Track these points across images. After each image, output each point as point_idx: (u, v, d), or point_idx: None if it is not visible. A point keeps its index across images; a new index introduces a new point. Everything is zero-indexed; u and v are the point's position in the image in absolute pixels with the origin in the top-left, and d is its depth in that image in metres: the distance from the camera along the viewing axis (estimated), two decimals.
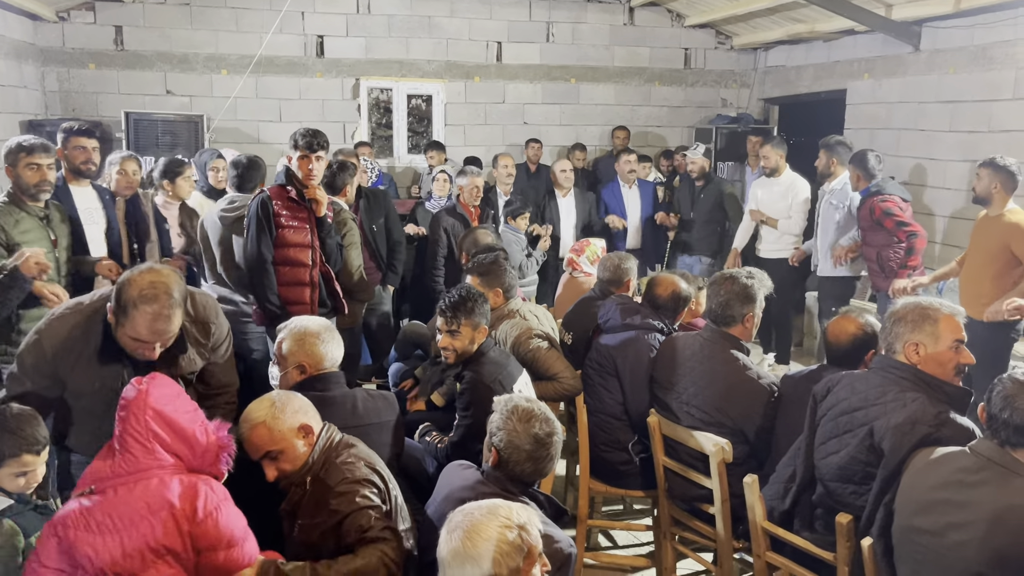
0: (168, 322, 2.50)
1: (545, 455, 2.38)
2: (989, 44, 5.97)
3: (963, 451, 2.27)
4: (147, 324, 2.46)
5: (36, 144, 3.63)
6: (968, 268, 4.65)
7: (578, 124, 8.81)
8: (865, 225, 5.39)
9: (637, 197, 7.06)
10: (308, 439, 2.46)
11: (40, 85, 7.43)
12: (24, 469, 2.35)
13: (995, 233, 4.42)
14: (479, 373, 3.17)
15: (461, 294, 3.26)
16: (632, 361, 3.58)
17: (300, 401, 2.52)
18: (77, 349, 2.56)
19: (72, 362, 2.55)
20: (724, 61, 9.11)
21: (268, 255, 3.98)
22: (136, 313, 2.44)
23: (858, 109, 7.47)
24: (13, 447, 2.33)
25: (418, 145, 8.85)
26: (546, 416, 2.42)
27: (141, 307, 2.44)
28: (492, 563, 1.85)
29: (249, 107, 7.96)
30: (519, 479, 2.38)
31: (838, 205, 5.74)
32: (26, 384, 2.56)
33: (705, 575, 3.73)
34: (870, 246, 5.39)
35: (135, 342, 2.51)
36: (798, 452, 2.83)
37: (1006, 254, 4.34)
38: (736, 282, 3.29)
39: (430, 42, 8.33)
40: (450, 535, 1.90)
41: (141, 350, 2.53)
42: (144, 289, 2.46)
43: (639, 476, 3.62)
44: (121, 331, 2.50)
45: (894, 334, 2.59)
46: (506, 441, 2.37)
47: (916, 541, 2.27)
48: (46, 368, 2.55)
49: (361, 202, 5.45)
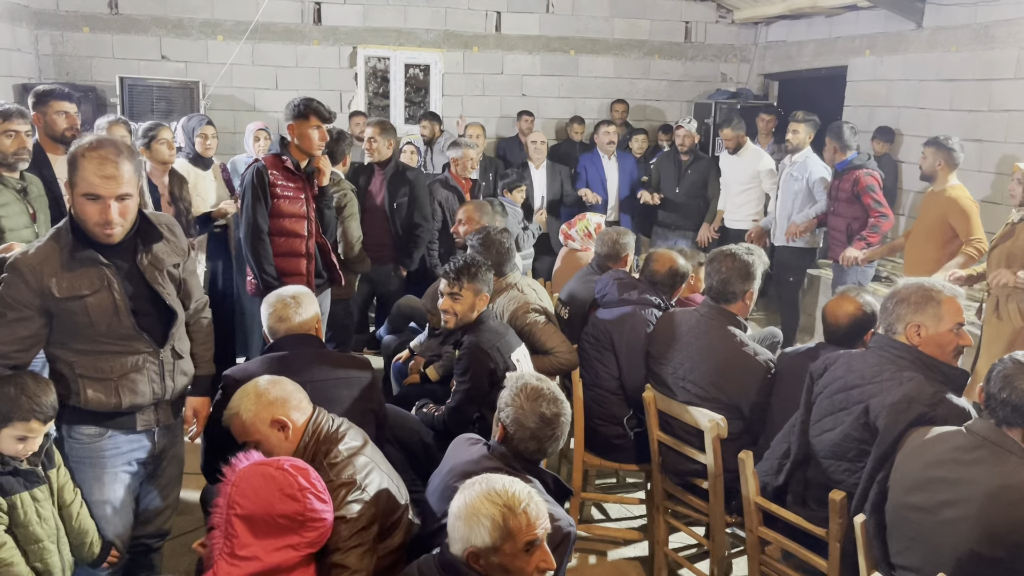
0: (116, 167, 2.44)
1: (550, 435, 2.39)
2: (992, 22, 5.93)
3: (959, 430, 2.29)
4: (95, 170, 2.41)
5: (12, 110, 3.46)
6: (914, 237, 5.02)
7: (577, 97, 8.75)
8: (843, 197, 5.46)
9: (616, 169, 7.03)
10: (285, 432, 2.43)
11: (33, 48, 7.33)
12: (28, 434, 2.38)
13: (937, 207, 4.78)
14: (478, 339, 3.21)
15: (466, 259, 3.31)
16: (628, 336, 3.59)
17: (281, 391, 2.48)
18: (52, 259, 2.49)
19: (52, 271, 2.48)
20: (724, 35, 9.04)
21: (264, 225, 3.95)
22: (84, 163, 2.42)
23: (858, 86, 7.44)
24: (27, 411, 2.36)
25: (415, 115, 8.77)
26: (555, 396, 2.42)
27: (88, 154, 2.42)
28: (468, 530, 1.91)
29: (245, 74, 7.87)
30: (522, 456, 2.39)
31: (798, 177, 5.86)
32: (7, 315, 2.48)
33: (697, 549, 3.77)
34: (841, 216, 5.50)
35: (93, 202, 2.44)
36: (793, 429, 2.85)
37: (945, 226, 4.72)
38: (736, 259, 3.28)
39: (428, 11, 8.24)
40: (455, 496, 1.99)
41: (105, 215, 2.45)
42: (91, 142, 2.46)
43: (633, 450, 3.65)
44: (78, 199, 2.45)
45: (895, 315, 2.59)
46: (512, 418, 2.39)
47: (909, 518, 2.29)
48: (24, 294, 2.48)
49: (387, 175, 5.30)
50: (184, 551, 3.41)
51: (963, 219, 4.65)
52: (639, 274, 3.91)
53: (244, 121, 6.27)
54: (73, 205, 2.50)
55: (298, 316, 2.97)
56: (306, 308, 3.01)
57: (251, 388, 2.48)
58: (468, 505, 1.93)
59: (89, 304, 2.51)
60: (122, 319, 2.56)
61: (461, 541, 1.93)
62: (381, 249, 5.30)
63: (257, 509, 2.10)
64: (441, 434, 3.29)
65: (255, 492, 2.12)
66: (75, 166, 2.44)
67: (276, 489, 2.11)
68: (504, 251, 3.83)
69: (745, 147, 6.54)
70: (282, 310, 2.96)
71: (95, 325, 2.53)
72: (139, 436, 2.71)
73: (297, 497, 2.11)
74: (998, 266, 4.10)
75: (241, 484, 2.13)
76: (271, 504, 2.10)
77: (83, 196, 2.44)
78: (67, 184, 2.50)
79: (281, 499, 2.11)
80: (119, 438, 2.67)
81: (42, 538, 2.45)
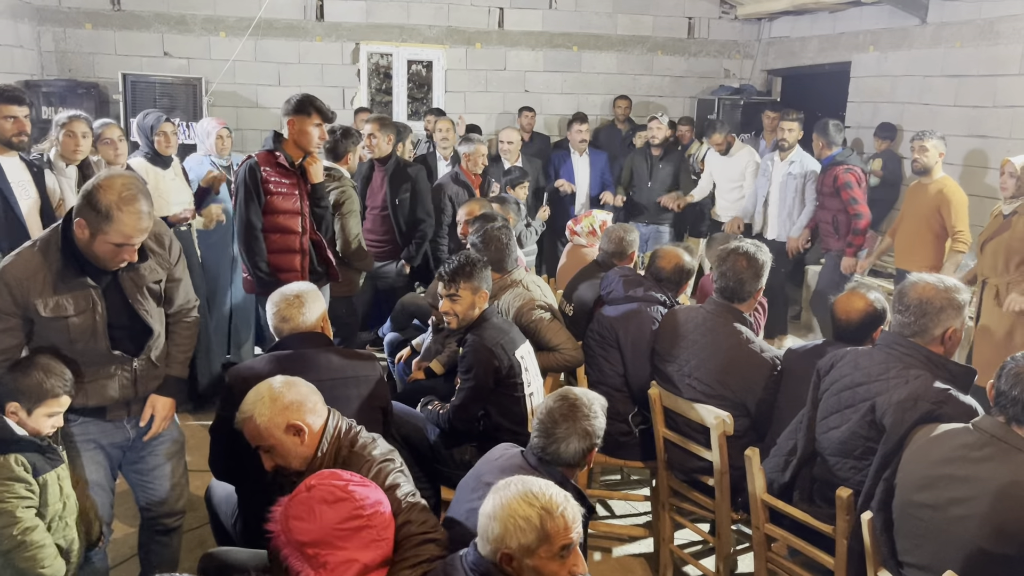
0: (150, 219, 2.52)
1: (551, 429, 2.39)
2: (996, 18, 5.92)
3: (966, 428, 2.28)
4: (134, 223, 2.46)
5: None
6: (904, 229, 5.28)
7: (579, 93, 8.74)
8: (827, 191, 5.74)
9: (587, 166, 7.03)
10: (300, 437, 2.36)
11: (36, 45, 7.32)
12: (59, 409, 2.48)
13: (929, 198, 5.04)
14: (481, 337, 3.19)
15: (460, 259, 3.28)
16: (634, 333, 3.59)
17: (296, 395, 2.40)
18: (39, 277, 2.51)
19: (39, 290, 2.50)
20: (728, 31, 9.02)
21: (257, 222, 3.94)
22: (121, 215, 2.43)
23: (862, 82, 7.42)
24: (58, 386, 2.46)
25: (418, 111, 8.77)
26: (576, 399, 2.44)
27: (125, 208, 2.44)
28: (503, 531, 1.88)
29: (248, 71, 7.86)
30: (543, 459, 2.40)
31: (796, 175, 6.09)
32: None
33: (703, 545, 3.77)
34: (827, 210, 5.78)
35: (116, 248, 2.48)
36: (799, 426, 2.85)
37: (937, 216, 4.98)
38: (750, 258, 3.27)
39: (431, 7, 8.22)
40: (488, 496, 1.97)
41: (122, 254, 2.51)
42: (122, 191, 2.45)
43: (638, 447, 3.65)
44: (100, 240, 2.46)
45: (935, 320, 2.52)
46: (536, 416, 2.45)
47: (917, 516, 2.29)
48: (9, 306, 2.50)
49: (388, 172, 5.30)
50: (191, 547, 3.41)
51: (954, 210, 4.88)
52: (645, 271, 3.90)
53: (247, 118, 6.29)
54: (88, 242, 2.49)
55: (304, 315, 2.93)
56: (312, 306, 2.98)
57: (265, 391, 2.38)
58: (504, 506, 1.89)
59: (72, 324, 2.55)
60: (99, 341, 2.61)
61: (495, 542, 1.89)
62: (385, 246, 5.31)
63: (319, 533, 2.00)
64: (446, 432, 3.29)
65: (305, 522, 2.01)
66: (108, 217, 2.43)
67: (320, 504, 2.02)
68: (503, 246, 3.83)
69: (735, 146, 6.80)
70: (287, 309, 2.91)
71: (73, 343, 2.58)
72: (110, 424, 2.77)
73: (343, 497, 2.03)
74: (994, 259, 4.23)
75: (289, 525, 2.02)
76: (327, 520, 2.00)
77: (113, 244, 2.47)
78: (84, 222, 2.46)
79: (331, 510, 2.01)
80: (88, 425, 2.73)
81: (64, 515, 2.51)
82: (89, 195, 2.45)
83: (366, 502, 2.05)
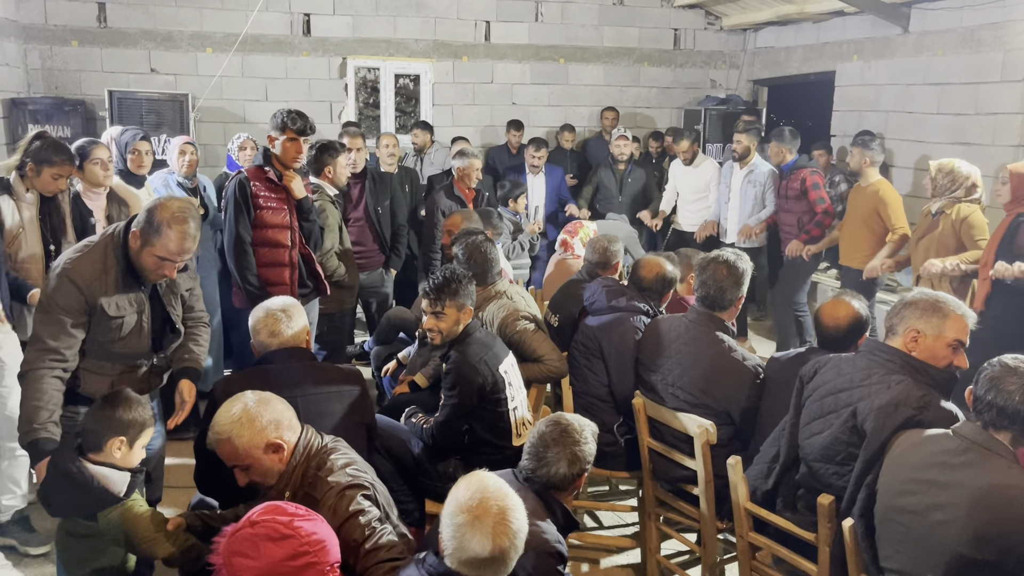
0: (194, 241, 2.81)
1: (543, 452, 2.40)
2: (977, 26, 5.97)
3: (946, 433, 2.28)
4: (178, 242, 2.75)
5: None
6: (847, 228, 5.64)
7: (567, 105, 8.77)
8: (791, 195, 6.03)
9: (542, 184, 6.98)
10: (279, 455, 2.35)
11: (22, 63, 7.32)
12: (148, 438, 2.63)
13: (866, 200, 5.40)
14: (464, 354, 3.17)
15: (445, 275, 3.24)
16: (617, 343, 3.59)
17: (272, 412, 2.38)
18: (103, 278, 2.79)
19: (103, 290, 2.78)
20: (713, 42, 9.08)
21: (247, 236, 3.97)
22: (170, 232, 2.73)
23: (847, 91, 7.47)
24: (149, 417, 2.63)
25: (406, 125, 8.78)
26: (567, 425, 2.44)
27: (175, 227, 2.73)
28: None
29: (235, 86, 7.87)
30: (531, 479, 2.41)
31: (755, 183, 6.32)
32: (66, 322, 2.75)
33: (689, 555, 3.76)
34: (791, 212, 6.07)
35: (161, 261, 2.77)
36: (782, 433, 2.85)
37: (876, 216, 5.35)
38: (730, 267, 3.28)
39: (418, 21, 8.25)
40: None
41: (163, 269, 2.80)
42: (176, 212, 2.75)
43: (624, 457, 3.64)
44: (147, 251, 2.75)
45: (900, 316, 2.59)
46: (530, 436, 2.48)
47: (898, 521, 2.29)
48: (77, 304, 2.76)
49: (367, 183, 5.42)
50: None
51: (889, 209, 5.28)
52: (627, 281, 3.90)
53: (234, 133, 6.26)
54: (137, 252, 2.79)
55: (289, 329, 2.92)
56: (296, 320, 2.97)
57: (240, 411, 2.34)
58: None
59: (125, 323, 2.86)
60: (143, 339, 2.96)
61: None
62: (371, 256, 5.38)
63: (264, 570, 1.94)
64: (430, 447, 3.27)
65: (250, 559, 1.94)
66: (158, 231, 2.74)
67: (265, 541, 1.96)
68: (487, 259, 3.82)
69: (699, 158, 7.00)
70: (273, 324, 2.90)
71: (118, 340, 2.88)
72: None
73: (288, 534, 1.97)
74: (926, 255, 4.55)
75: (232, 561, 1.96)
76: (273, 558, 1.94)
77: (158, 256, 2.76)
78: (138, 233, 2.76)
79: (276, 547, 1.95)
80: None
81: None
82: (149, 210, 2.77)
83: (312, 538, 1.98)
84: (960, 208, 4.48)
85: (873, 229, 5.40)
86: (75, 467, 2.45)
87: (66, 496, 2.47)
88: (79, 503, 2.46)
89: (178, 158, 4.94)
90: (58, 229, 3.80)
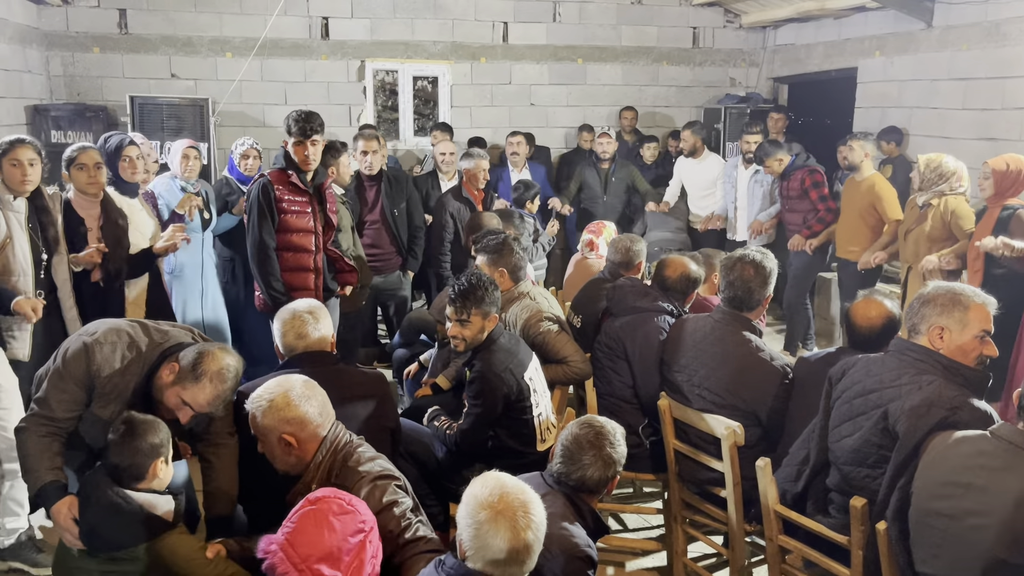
0: (223, 404, 2.68)
1: (578, 456, 2.38)
2: (1003, 20, 5.88)
3: (984, 435, 2.23)
4: (209, 399, 2.59)
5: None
6: (844, 221, 5.78)
7: (585, 105, 8.73)
8: (793, 195, 6.13)
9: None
10: (289, 450, 2.39)
11: (45, 70, 7.39)
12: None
13: (863, 193, 5.54)
14: (490, 363, 3.13)
15: (471, 282, 3.19)
16: (641, 344, 3.55)
17: (304, 411, 2.40)
18: (117, 383, 2.64)
19: (108, 391, 2.63)
20: (732, 40, 9.01)
21: (271, 242, 3.93)
22: (207, 385, 2.57)
23: (869, 87, 7.38)
24: (167, 429, 2.54)
25: (424, 128, 8.78)
26: (601, 428, 2.43)
27: (215, 383, 2.58)
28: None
29: (254, 90, 7.90)
30: (563, 482, 2.40)
31: (762, 181, 6.45)
32: (69, 388, 2.62)
33: (716, 558, 3.72)
34: (796, 212, 6.17)
35: (180, 405, 2.60)
36: (812, 435, 2.81)
37: (872, 209, 5.50)
38: (757, 266, 3.23)
39: (436, 23, 8.25)
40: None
41: (181, 413, 2.62)
42: (223, 369, 2.60)
43: (649, 459, 3.60)
44: (174, 390, 2.59)
45: (920, 315, 2.54)
46: (560, 440, 2.45)
47: (934, 525, 2.24)
48: (86, 382, 2.62)
49: (383, 185, 5.40)
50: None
51: (884, 203, 5.42)
52: (651, 281, 3.87)
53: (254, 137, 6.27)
54: (164, 384, 2.62)
55: (316, 331, 2.92)
56: (323, 322, 2.97)
57: (280, 395, 2.41)
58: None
59: (104, 423, 2.63)
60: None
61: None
62: (388, 258, 5.37)
63: (332, 545, 1.96)
64: (454, 453, 3.25)
65: (312, 535, 1.97)
66: (198, 379, 2.57)
67: (328, 516, 1.98)
68: (517, 255, 3.81)
69: (705, 153, 7.07)
70: (300, 327, 2.90)
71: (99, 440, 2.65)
72: None
73: (350, 509, 2.02)
74: (915, 247, 4.77)
75: (296, 540, 1.98)
76: (339, 533, 1.97)
77: (180, 398, 2.59)
78: (177, 368, 2.61)
79: (340, 521, 1.98)
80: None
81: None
82: (199, 354, 2.61)
83: (368, 515, 2.05)
84: (947, 200, 4.66)
85: (868, 222, 5.56)
86: (121, 498, 2.40)
87: (114, 529, 2.40)
88: (129, 534, 2.39)
89: (181, 161, 4.79)
90: (49, 237, 3.57)
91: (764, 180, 6.41)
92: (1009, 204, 4.29)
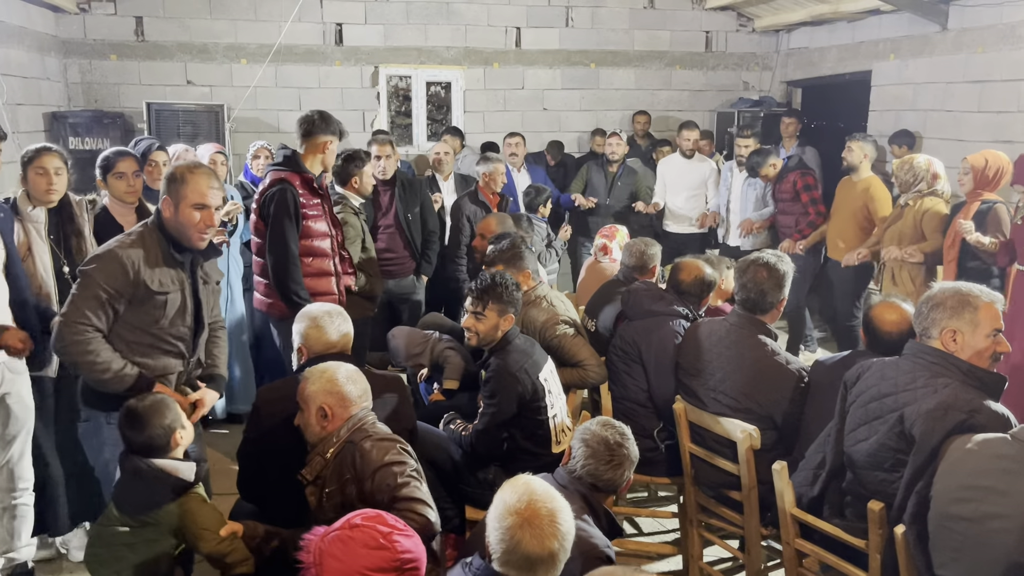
0: (219, 182, 2.91)
1: (608, 459, 2.45)
2: (1018, 22, 5.84)
3: (1003, 438, 2.22)
4: (206, 182, 2.84)
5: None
6: (835, 221, 5.84)
7: (598, 109, 8.73)
8: (785, 197, 6.17)
9: (526, 182, 6.92)
10: (323, 422, 2.56)
11: (63, 77, 7.46)
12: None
13: (857, 194, 5.61)
14: (505, 362, 3.15)
15: (495, 279, 3.23)
16: (656, 348, 3.55)
17: (347, 389, 2.59)
18: (149, 256, 2.82)
19: (150, 272, 2.80)
20: (745, 44, 8.99)
21: (296, 248, 3.84)
22: (193, 177, 2.83)
23: (883, 91, 7.35)
24: (173, 402, 2.68)
25: (437, 133, 8.81)
26: (623, 431, 2.52)
27: (195, 171, 2.87)
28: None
29: (269, 96, 7.95)
30: (583, 482, 2.45)
31: (755, 184, 6.44)
32: (102, 297, 2.73)
33: (733, 562, 3.71)
34: (789, 214, 6.19)
35: (198, 210, 2.82)
36: (828, 438, 2.80)
37: (865, 210, 5.57)
38: (771, 269, 3.23)
39: (448, 28, 8.28)
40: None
41: (205, 219, 2.84)
42: (189, 163, 2.97)
43: (664, 463, 3.60)
44: (183, 207, 2.82)
45: (931, 319, 2.53)
46: (579, 439, 2.51)
47: (954, 529, 2.23)
48: (125, 286, 2.76)
49: (396, 190, 5.42)
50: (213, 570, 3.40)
51: (879, 204, 5.48)
52: (666, 284, 3.87)
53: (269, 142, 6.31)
54: (174, 215, 2.84)
55: (336, 333, 2.98)
56: (342, 325, 3.01)
57: (331, 370, 2.63)
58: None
59: (170, 300, 2.86)
60: (186, 318, 2.94)
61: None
62: (402, 262, 5.38)
63: (348, 574, 1.98)
64: (469, 455, 3.26)
65: (339, 560, 1.99)
66: (184, 181, 2.83)
67: (360, 547, 1.99)
68: (532, 257, 3.83)
69: (698, 156, 7.10)
70: (320, 329, 2.95)
71: (162, 319, 2.87)
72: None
73: (384, 545, 2.00)
74: (891, 243, 4.96)
75: (324, 562, 2.01)
76: (361, 564, 1.97)
77: (193, 206, 2.82)
78: (167, 200, 2.84)
79: (369, 554, 1.98)
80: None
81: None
82: (166, 177, 2.87)
83: (405, 555, 2.02)
84: (923, 201, 4.88)
85: (860, 223, 5.63)
86: (144, 464, 2.54)
87: (140, 493, 2.54)
88: (155, 495, 2.52)
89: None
90: (72, 247, 3.45)
91: (757, 184, 6.43)
92: (987, 199, 4.56)
